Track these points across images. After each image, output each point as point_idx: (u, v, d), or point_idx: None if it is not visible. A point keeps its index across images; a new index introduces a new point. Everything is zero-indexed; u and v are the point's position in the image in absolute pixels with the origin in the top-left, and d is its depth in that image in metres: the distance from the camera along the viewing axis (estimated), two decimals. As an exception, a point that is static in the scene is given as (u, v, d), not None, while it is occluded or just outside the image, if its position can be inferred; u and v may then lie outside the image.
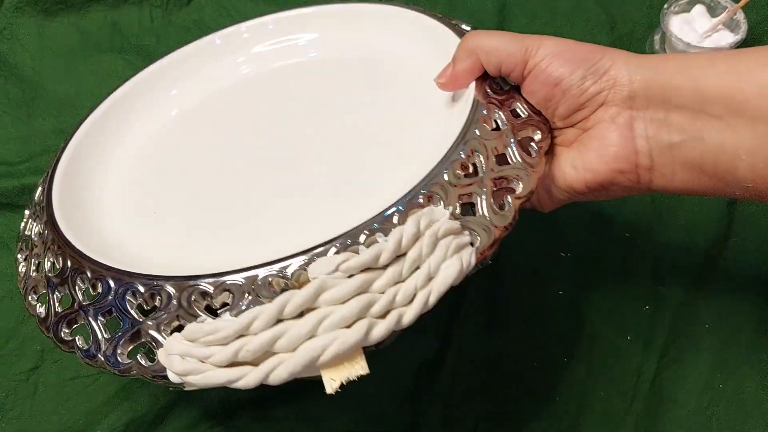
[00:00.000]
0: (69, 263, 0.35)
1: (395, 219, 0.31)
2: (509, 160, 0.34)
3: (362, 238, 0.31)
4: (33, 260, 0.38)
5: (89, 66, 0.64)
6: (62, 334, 0.34)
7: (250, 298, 0.31)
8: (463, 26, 0.43)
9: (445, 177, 0.33)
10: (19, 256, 0.41)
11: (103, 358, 0.33)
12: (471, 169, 0.33)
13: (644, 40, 0.61)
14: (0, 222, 0.55)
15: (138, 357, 0.32)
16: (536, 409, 0.43)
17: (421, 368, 0.45)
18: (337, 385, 0.29)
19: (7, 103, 0.61)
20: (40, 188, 0.42)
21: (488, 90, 0.37)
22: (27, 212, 0.43)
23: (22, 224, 0.42)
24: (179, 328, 0.32)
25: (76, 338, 0.34)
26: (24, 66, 0.64)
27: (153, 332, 0.32)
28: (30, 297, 0.37)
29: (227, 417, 0.44)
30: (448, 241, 0.31)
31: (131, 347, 0.33)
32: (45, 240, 0.38)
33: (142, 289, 0.33)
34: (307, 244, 0.31)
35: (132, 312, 0.33)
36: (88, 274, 0.34)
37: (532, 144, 0.35)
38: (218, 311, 0.31)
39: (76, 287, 0.34)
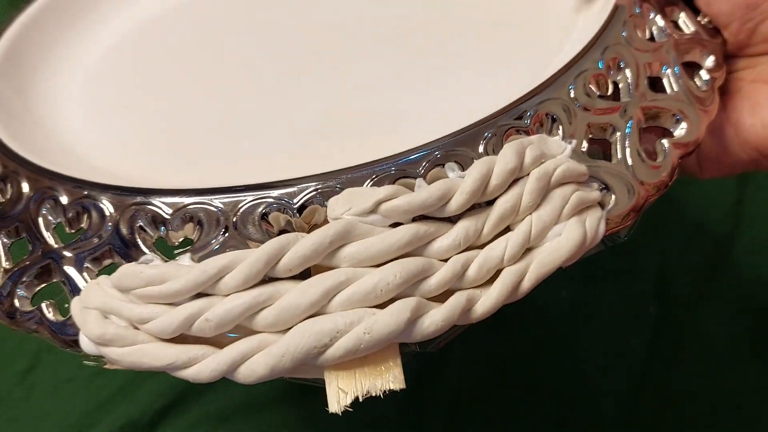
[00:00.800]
0: None
1: (480, 147, 0.19)
2: (667, 88, 0.22)
3: (421, 168, 0.19)
4: None
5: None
6: None
7: (226, 235, 0.19)
8: None
9: (571, 93, 0.20)
10: None
11: None
12: (611, 89, 0.21)
13: None
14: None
15: (44, 306, 0.21)
16: (540, 412, 0.41)
17: (424, 371, 0.42)
18: (348, 401, 0.17)
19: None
20: None
21: None
22: None
23: None
24: (112, 269, 0.20)
25: None
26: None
27: (70, 269, 0.20)
28: None
29: (224, 420, 0.41)
30: (565, 193, 0.18)
31: (38, 288, 0.21)
32: None
33: (65, 199, 0.21)
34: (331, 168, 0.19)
35: (46, 234, 0.21)
36: None
37: (701, 73, 0.23)
38: (175, 252, 0.19)
39: None
